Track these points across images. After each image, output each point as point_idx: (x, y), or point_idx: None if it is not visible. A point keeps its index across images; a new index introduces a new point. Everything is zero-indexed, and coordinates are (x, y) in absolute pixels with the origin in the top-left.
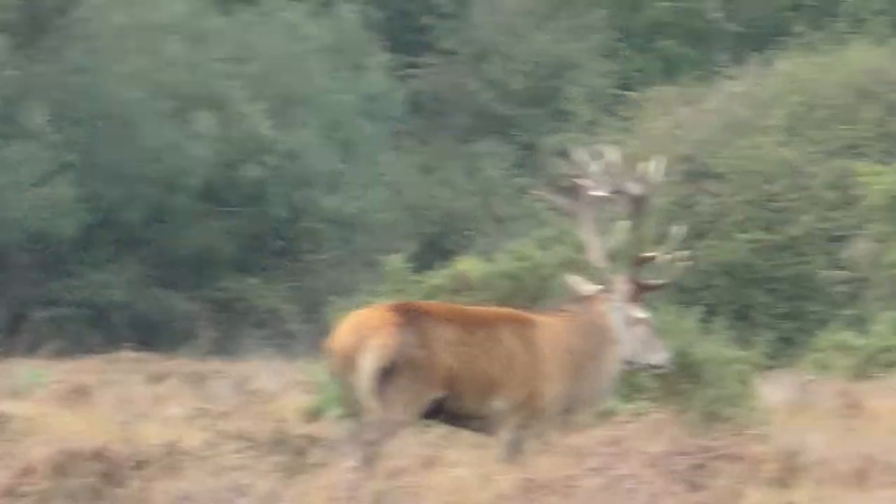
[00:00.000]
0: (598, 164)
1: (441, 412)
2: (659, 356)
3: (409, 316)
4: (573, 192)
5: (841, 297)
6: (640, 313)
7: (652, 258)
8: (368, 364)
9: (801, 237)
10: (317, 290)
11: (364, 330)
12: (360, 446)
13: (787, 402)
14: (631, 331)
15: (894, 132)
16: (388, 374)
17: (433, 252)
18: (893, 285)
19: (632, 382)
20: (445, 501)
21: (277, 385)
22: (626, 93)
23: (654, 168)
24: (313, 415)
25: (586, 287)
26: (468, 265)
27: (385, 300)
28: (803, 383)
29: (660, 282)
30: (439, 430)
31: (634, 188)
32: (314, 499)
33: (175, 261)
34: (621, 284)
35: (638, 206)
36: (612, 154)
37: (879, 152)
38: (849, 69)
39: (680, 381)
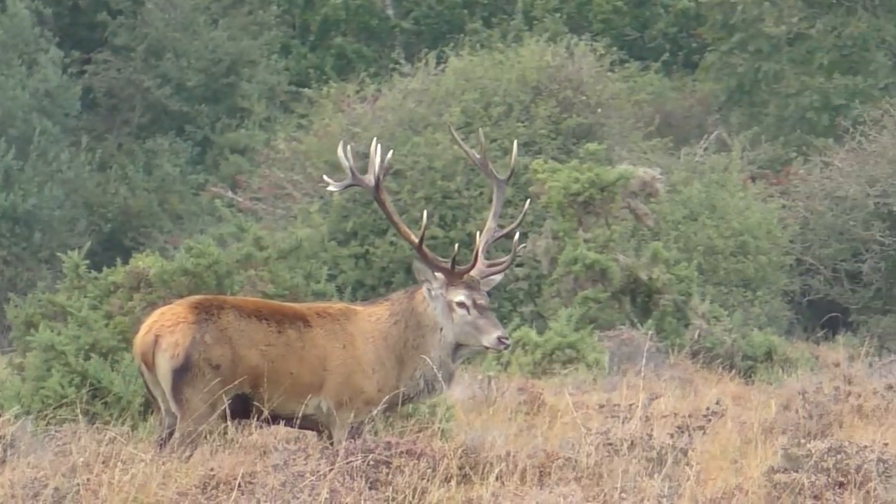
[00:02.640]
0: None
1: (253, 412)
2: (490, 337)
3: (208, 312)
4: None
5: (520, 294)
6: (459, 297)
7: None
8: (163, 364)
9: (475, 233)
10: None
11: (158, 329)
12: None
13: (469, 399)
14: (453, 315)
15: (569, 129)
16: (183, 372)
17: (112, 249)
18: (571, 282)
19: None
20: (125, 499)
21: None
22: (301, 90)
23: (378, 155)
24: None
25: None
26: (147, 262)
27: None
28: (484, 380)
29: (467, 266)
30: (119, 427)
31: (369, 179)
32: None
33: None
34: (436, 271)
35: (377, 193)
36: (343, 149)
37: (555, 149)
38: (523, 66)
39: None
